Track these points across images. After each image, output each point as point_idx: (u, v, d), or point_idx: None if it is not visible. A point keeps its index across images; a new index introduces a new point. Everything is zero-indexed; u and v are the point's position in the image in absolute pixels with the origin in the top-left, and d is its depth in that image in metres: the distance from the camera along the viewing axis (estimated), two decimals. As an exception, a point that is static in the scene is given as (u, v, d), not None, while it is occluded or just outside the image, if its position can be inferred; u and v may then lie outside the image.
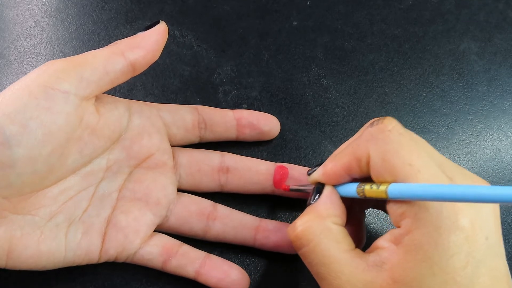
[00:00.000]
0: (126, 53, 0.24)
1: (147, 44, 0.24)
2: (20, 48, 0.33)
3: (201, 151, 0.29)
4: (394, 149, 0.21)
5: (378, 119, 0.22)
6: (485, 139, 0.33)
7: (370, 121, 0.23)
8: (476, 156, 0.32)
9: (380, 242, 0.21)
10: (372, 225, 0.30)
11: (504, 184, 0.32)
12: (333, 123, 0.32)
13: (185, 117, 0.28)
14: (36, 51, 0.33)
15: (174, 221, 0.27)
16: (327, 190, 0.24)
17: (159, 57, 0.25)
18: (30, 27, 0.34)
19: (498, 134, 0.33)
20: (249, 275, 0.27)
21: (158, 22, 0.25)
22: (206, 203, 0.28)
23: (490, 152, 0.33)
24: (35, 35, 0.33)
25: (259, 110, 0.32)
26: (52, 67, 0.22)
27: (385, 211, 0.22)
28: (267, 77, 0.33)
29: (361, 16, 0.36)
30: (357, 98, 0.33)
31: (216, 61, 0.33)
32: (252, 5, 0.35)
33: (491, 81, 0.34)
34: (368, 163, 0.22)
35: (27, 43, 0.33)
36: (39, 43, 0.33)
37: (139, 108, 0.27)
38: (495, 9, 0.37)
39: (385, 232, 0.25)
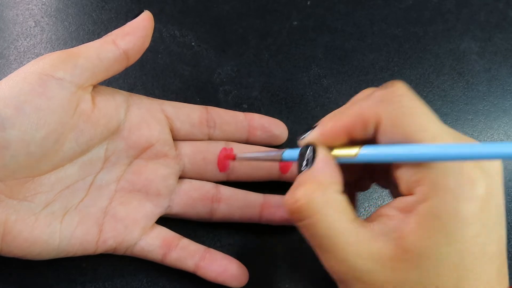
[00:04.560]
0: (117, 41, 0.25)
1: (136, 31, 0.25)
2: (20, 48, 0.33)
3: (205, 141, 0.29)
4: (407, 114, 0.19)
5: (389, 83, 0.21)
6: (485, 138, 0.33)
7: (373, 88, 0.22)
8: (476, 156, 0.32)
9: (385, 210, 0.21)
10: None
11: (505, 184, 0.32)
12: (333, 123, 0.32)
13: (191, 113, 0.28)
14: (36, 51, 0.33)
15: (178, 209, 0.27)
16: (322, 154, 0.21)
17: (159, 57, 0.25)
18: (30, 27, 0.33)
19: (499, 133, 0.33)
20: (248, 270, 0.27)
21: (142, 11, 0.25)
22: (208, 186, 0.28)
23: (491, 152, 0.33)
24: (35, 35, 0.33)
25: (260, 110, 0.32)
26: (47, 57, 0.23)
27: (387, 180, 0.21)
28: (267, 77, 0.33)
29: (361, 16, 0.36)
30: (358, 98, 0.33)
31: (216, 61, 0.33)
32: (252, 5, 0.35)
33: (492, 81, 0.34)
34: (376, 127, 0.20)
35: (27, 43, 0.33)
36: (39, 43, 0.33)
37: (138, 100, 0.27)
38: (495, 8, 0.37)
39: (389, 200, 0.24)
